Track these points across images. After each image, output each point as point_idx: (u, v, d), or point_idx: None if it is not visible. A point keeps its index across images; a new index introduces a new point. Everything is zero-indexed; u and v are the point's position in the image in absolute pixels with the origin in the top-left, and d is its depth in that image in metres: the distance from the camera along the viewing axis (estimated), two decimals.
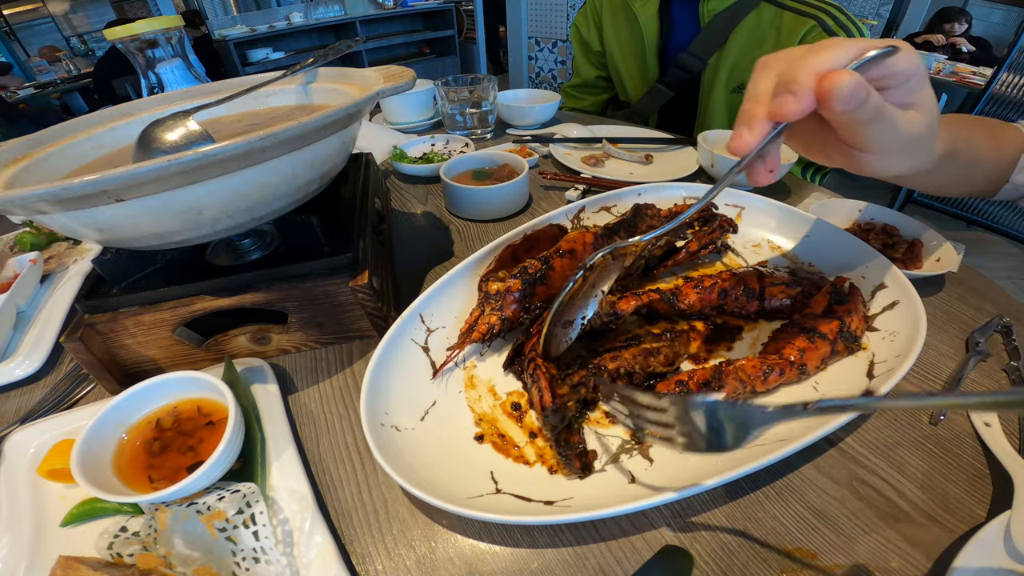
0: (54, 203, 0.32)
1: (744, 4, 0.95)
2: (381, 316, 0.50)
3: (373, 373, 0.42)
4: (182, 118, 0.47)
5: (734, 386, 0.40)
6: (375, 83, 0.49)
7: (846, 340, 0.43)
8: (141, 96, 0.71)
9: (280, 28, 4.36)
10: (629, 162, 0.90)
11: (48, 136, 0.51)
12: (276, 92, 0.62)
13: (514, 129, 1.08)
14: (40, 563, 0.35)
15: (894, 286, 0.47)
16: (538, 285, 0.48)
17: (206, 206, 0.37)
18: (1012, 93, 1.77)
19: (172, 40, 0.75)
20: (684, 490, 0.32)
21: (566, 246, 0.50)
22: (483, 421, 0.42)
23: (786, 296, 0.48)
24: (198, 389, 0.42)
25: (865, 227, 0.62)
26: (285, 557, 0.34)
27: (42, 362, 0.54)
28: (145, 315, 0.46)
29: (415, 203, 0.82)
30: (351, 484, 0.40)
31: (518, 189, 0.73)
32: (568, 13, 3.33)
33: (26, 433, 0.44)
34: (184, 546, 0.33)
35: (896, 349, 0.41)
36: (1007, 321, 0.48)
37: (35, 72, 4.61)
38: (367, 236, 0.53)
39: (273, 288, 0.47)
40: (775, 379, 0.40)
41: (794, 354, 0.41)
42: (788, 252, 0.57)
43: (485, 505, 0.35)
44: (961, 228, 2.15)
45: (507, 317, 0.47)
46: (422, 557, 0.35)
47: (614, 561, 0.34)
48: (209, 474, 0.35)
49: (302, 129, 0.36)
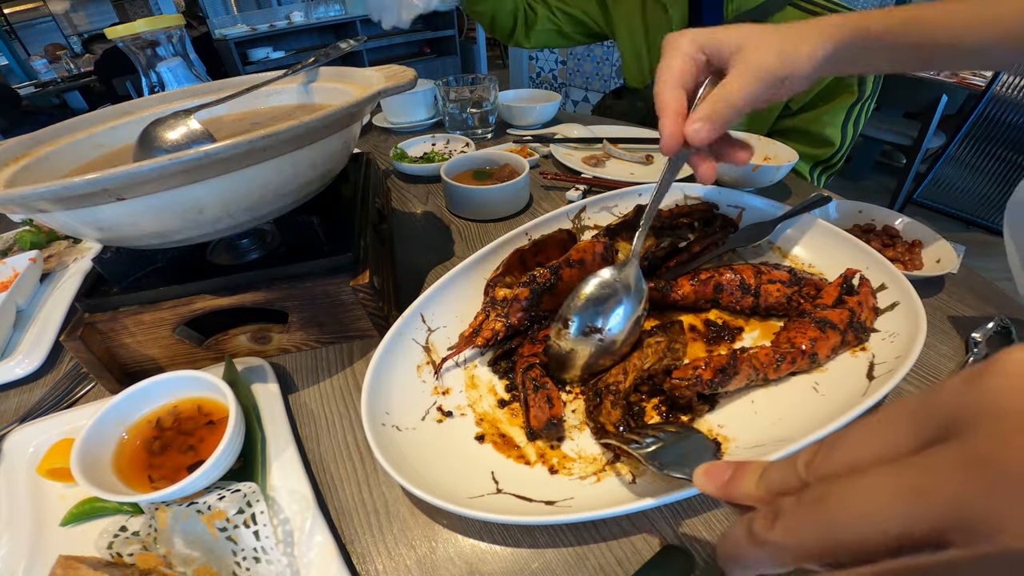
0: (55, 201, 0.32)
1: (772, 4, 0.94)
2: (382, 316, 0.50)
3: (374, 373, 0.42)
4: (183, 117, 0.46)
5: (748, 372, 0.40)
6: (376, 83, 0.49)
7: (856, 330, 0.43)
8: (142, 95, 0.70)
9: (281, 27, 4.35)
10: (630, 162, 0.90)
11: (48, 135, 0.51)
12: (277, 91, 0.61)
13: (515, 129, 1.08)
14: (40, 562, 0.35)
15: (894, 287, 0.47)
16: (546, 295, 0.48)
17: (207, 205, 0.37)
18: (1013, 94, 1.77)
19: (173, 39, 0.75)
20: (684, 490, 0.32)
21: (576, 256, 0.50)
22: (484, 421, 0.42)
23: (782, 294, 0.48)
24: (198, 388, 0.42)
25: (865, 228, 0.62)
26: (285, 557, 0.34)
27: (42, 361, 0.54)
28: (145, 314, 0.46)
29: (416, 203, 0.82)
30: (351, 484, 0.40)
31: (519, 189, 0.73)
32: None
33: (26, 432, 0.44)
34: (184, 546, 0.33)
35: (896, 350, 0.41)
36: (1007, 322, 0.48)
37: (35, 72, 4.60)
38: (368, 236, 0.53)
39: (273, 287, 0.47)
40: (787, 367, 0.41)
41: (806, 343, 0.42)
42: (788, 253, 0.57)
43: (486, 505, 0.35)
44: (961, 229, 2.16)
45: (512, 324, 0.47)
46: (422, 557, 0.35)
47: (614, 561, 0.33)
48: (209, 474, 0.35)
49: (303, 128, 0.36)
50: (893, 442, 0.17)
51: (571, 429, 0.41)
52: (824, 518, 0.16)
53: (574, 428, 0.41)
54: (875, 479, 0.15)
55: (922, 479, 0.14)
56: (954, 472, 0.14)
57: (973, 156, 1.92)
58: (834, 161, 0.98)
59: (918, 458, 0.15)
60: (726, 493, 0.23)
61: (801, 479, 0.19)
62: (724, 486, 0.23)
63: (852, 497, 0.16)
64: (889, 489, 0.15)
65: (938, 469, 0.14)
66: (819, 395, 0.41)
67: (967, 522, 0.13)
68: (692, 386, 0.39)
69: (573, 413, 0.43)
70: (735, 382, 0.40)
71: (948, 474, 0.14)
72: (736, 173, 0.70)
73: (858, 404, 0.36)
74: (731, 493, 0.22)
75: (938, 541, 0.14)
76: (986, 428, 0.14)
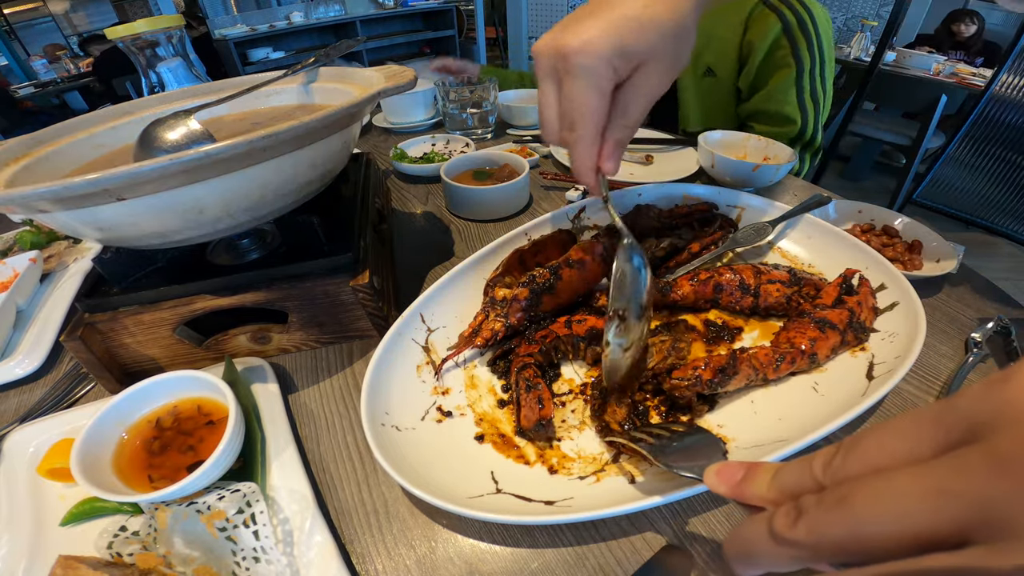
0: (55, 202, 0.32)
1: None
2: (381, 316, 0.50)
3: (373, 373, 0.42)
4: (183, 117, 0.46)
5: (748, 373, 0.40)
6: (376, 83, 0.49)
7: (855, 330, 0.43)
8: (142, 95, 0.71)
9: (280, 27, 4.35)
10: (629, 162, 0.90)
11: (48, 135, 0.51)
12: (277, 91, 0.62)
13: (514, 129, 1.08)
14: (40, 562, 0.35)
15: (893, 287, 0.47)
16: (545, 295, 0.48)
17: (207, 205, 0.37)
18: (1012, 94, 1.77)
19: (173, 39, 0.75)
20: (684, 490, 0.32)
21: (575, 256, 0.50)
22: (483, 421, 0.42)
23: (781, 294, 0.48)
24: (198, 388, 0.42)
25: (865, 228, 0.62)
26: (285, 557, 0.34)
27: (42, 361, 0.54)
28: (145, 314, 0.46)
29: (415, 203, 0.82)
30: (351, 484, 0.40)
31: (518, 189, 0.73)
32: (568, 13, 3.33)
33: (26, 432, 0.44)
34: (184, 545, 0.33)
35: (896, 350, 0.41)
36: (1006, 322, 0.48)
37: (35, 72, 4.60)
38: (367, 236, 0.53)
39: (273, 287, 0.47)
40: (786, 367, 0.41)
41: (805, 343, 0.42)
42: (788, 253, 0.57)
43: (485, 505, 0.35)
44: (960, 229, 2.15)
45: (511, 324, 0.47)
46: (422, 557, 0.35)
47: (614, 561, 0.34)
48: (209, 473, 0.35)
49: (303, 128, 0.36)
50: (915, 445, 0.17)
51: (571, 429, 0.41)
52: (850, 517, 0.16)
53: (573, 428, 0.41)
54: (901, 479, 0.16)
55: (948, 479, 0.15)
56: (979, 472, 0.14)
57: (973, 156, 1.92)
58: (807, 138, 1.00)
59: (943, 459, 0.16)
60: (738, 493, 0.23)
61: (817, 481, 0.19)
62: (736, 486, 0.23)
63: (878, 497, 0.16)
64: (916, 489, 0.15)
65: (963, 470, 0.15)
66: (819, 395, 0.41)
67: (992, 520, 0.14)
68: (692, 386, 0.39)
69: (573, 413, 0.43)
70: (735, 382, 0.40)
71: (973, 474, 0.15)
72: (736, 173, 0.70)
73: (858, 404, 0.36)
74: (743, 493, 0.23)
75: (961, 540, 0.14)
76: (1010, 431, 0.15)
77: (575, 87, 0.37)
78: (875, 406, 0.38)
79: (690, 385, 0.39)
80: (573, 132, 0.39)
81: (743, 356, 0.41)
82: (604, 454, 0.39)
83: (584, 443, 0.40)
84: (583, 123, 0.38)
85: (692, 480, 0.30)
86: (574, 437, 0.40)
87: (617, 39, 0.35)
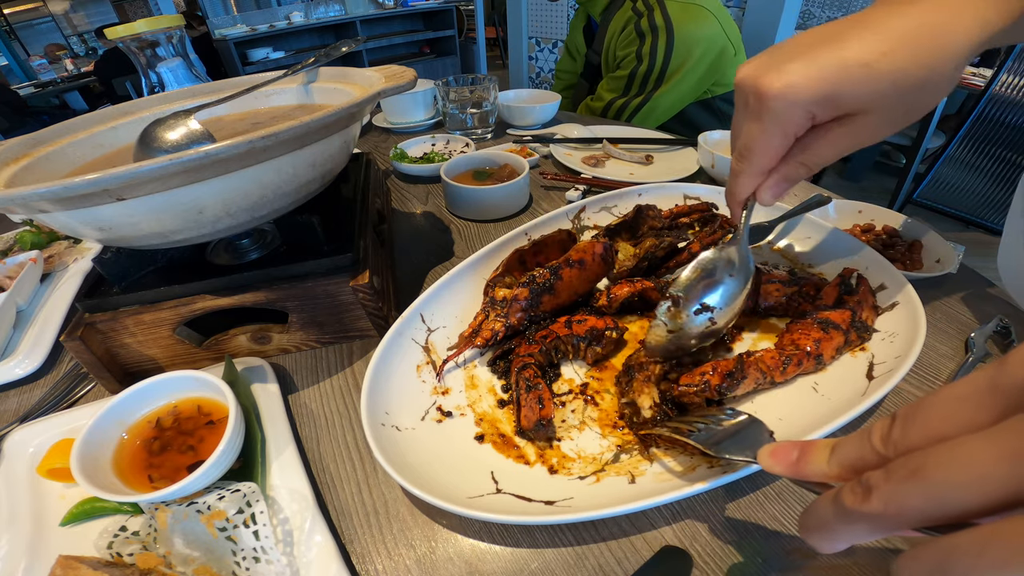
0: (55, 202, 0.32)
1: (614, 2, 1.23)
2: (381, 316, 0.50)
3: (373, 373, 0.42)
4: (183, 117, 0.47)
5: (755, 376, 0.40)
6: (376, 83, 0.49)
7: (858, 330, 0.44)
8: (142, 95, 0.71)
9: (280, 28, 4.36)
10: (629, 163, 0.90)
11: (48, 135, 0.51)
12: (277, 91, 0.62)
13: (514, 129, 1.08)
14: (40, 562, 0.35)
15: (894, 287, 0.47)
16: (545, 295, 0.48)
17: (207, 205, 0.37)
18: (1012, 94, 1.77)
19: (173, 39, 0.75)
20: (684, 490, 0.32)
21: (576, 256, 0.50)
22: (483, 421, 0.42)
23: (781, 295, 0.48)
24: (198, 388, 0.42)
25: (865, 228, 0.62)
26: (285, 557, 0.34)
27: (42, 361, 0.54)
28: (145, 314, 0.46)
29: (415, 203, 0.82)
30: (351, 484, 0.40)
31: (518, 189, 0.73)
32: (568, 13, 3.33)
33: (26, 432, 0.44)
34: (184, 545, 0.33)
35: (896, 350, 0.41)
36: (1006, 322, 0.48)
37: (35, 72, 4.61)
38: (367, 236, 0.53)
39: (273, 288, 0.47)
40: (793, 369, 0.41)
41: (810, 345, 0.42)
42: (788, 253, 0.57)
43: (485, 505, 0.35)
44: (960, 229, 2.16)
45: (511, 324, 0.47)
46: (422, 557, 0.35)
47: (614, 561, 0.34)
48: (209, 473, 0.35)
49: (303, 128, 0.36)
50: (975, 413, 0.18)
51: (571, 429, 0.41)
52: (926, 486, 0.17)
53: (573, 428, 0.41)
54: (974, 445, 0.16)
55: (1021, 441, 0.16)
56: None
57: (972, 156, 1.92)
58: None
59: (1010, 423, 0.16)
60: (797, 471, 0.23)
61: (879, 453, 0.20)
62: (793, 465, 0.23)
63: (954, 464, 0.16)
64: (991, 454, 0.16)
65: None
66: (819, 395, 0.41)
67: None
68: (700, 392, 0.39)
69: (573, 413, 0.43)
70: (743, 386, 0.40)
71: None
72: None
73: (858, 404, 0.36)
74: (803, 471, 0.23)
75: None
76: None
77: (758, 126, 0.35)
78: (875, 406, 0.38)
79: (699, 391, 0.39)
80: (740, 162, 0.37)
81: (750, 360, 0.41)
82: (604, 454, 0.39)
83: (584, 443, 0.40)
84: (752, 158, 0.37)
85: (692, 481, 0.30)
86: (574, 437, 0.40)
87: (828, 87, 0.32)
